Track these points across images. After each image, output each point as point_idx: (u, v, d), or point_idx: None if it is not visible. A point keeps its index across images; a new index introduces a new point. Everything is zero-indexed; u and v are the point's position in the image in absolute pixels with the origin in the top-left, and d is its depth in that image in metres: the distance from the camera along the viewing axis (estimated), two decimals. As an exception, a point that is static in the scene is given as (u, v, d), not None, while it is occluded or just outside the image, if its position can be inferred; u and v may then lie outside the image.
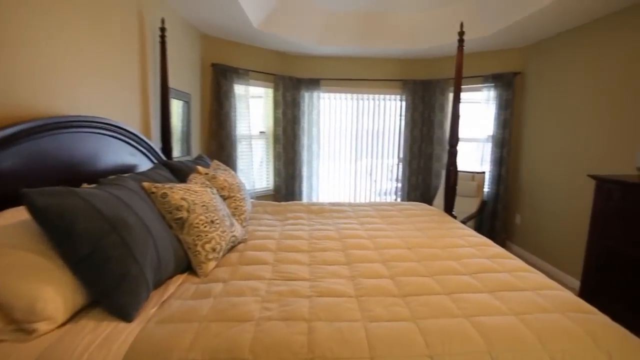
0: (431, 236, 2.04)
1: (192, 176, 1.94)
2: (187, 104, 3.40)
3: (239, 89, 4.01)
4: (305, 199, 4.82)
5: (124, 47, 2.26)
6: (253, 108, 4.30)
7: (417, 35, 3.90)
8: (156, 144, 2.58)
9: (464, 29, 2.64)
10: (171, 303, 1.23)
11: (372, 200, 5.09)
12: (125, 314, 1.12)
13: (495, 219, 4.03)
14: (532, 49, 3.72)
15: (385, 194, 5.16)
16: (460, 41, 2.61)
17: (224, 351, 0.99)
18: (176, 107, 3.14)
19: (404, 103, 4.68)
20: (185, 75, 3.33)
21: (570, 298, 1.33)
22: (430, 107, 4.63)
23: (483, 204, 3.89)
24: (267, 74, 4.30)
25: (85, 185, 1.55)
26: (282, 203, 2.82)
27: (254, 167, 4.36)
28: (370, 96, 4.82)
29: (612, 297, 2.19)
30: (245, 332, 1.07)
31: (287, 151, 4.71)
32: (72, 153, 1.64)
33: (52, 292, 1.03)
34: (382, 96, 4.80)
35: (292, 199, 4.73)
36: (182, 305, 1.22)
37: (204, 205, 1.61)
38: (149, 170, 1.90)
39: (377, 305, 1.27)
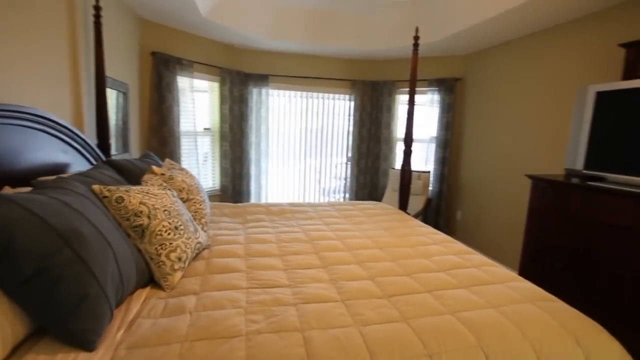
0: (397, 235, 2.08)
1: (146, 177, 1.73)
2: (125, 95, 3.05)
3: (182, 82, 3.72)
4: (253, 199, 4.66)
5: (48, 26, 1.92)
6: (198, 103, 4.02)
7: (368, 37, 3.97)
8: (91, 140, 2.26)
9: (412, 33, 2.73)
10: (140, 323, 1.07)
11: (321, 199, 5.10)
12: (86, 342, 0.94)
13: (439, 216, 4.28)
14: (472, 57, 4.01)
15: (334, 192, 5.20)
16: (416, 45, 2.69)
17: (216, 375, 0.88)
18: (111, 98, 2.79)
19: (352, 103, 4.75)
20: (121, 62, 2.98)
21: (534, 288, 1.44)
22: (378, 108, 4.77)
23: (428, 202, 4.11)
24: (213, 66, 4.06)
25: (8, 188, 1.28)
26: (240, 204, 2.66)
27: (199, 166, 4.09)
28: (320, 95, 4.81)
29: (547, 283, 2.44)
30: (236, 350, 0.96)
31: (234, 149, 4.50)
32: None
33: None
34: (331, 95, 4.82)
35: (240, 199, 4.54)
36: (155, 325, 1.06)
37: (165, 210, 1.44)
38: (91, 170, 1.64)
39: (365, 308, 1.24)
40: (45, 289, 0.92)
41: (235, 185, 4.58)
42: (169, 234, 1.39)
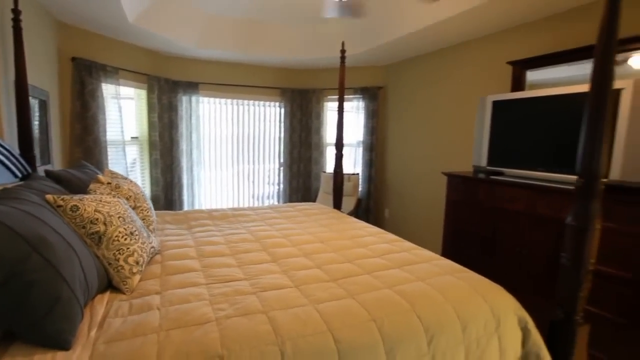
0: (336, 230, 2.32)
1: (92, 186, 1.71)
2: (44, 104, 2.84)
3: (107, 89, 3.55)
4: (186, 208, 4.57)
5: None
6: (125, 111, 3.86)
7: (297, 47, 4.21)
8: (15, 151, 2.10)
9: (339, 46, 3.05)
10: (110, 322, 1.12)
11: (256, 205, 5.19)
12: (62, 342, 0.98)
13: (369, 214, 4.68)
14: (392, 68, 4.50)
15: (268, 197, 5.32)
16: (343, 58, 3.00)
17: (196, 353, 1.00)
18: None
19: (283, 110, 4.95)
20: (40, 69, 2.78)
21: (451, 263, 1.78)
22: (308, 115, 5.04)
23: (359, 202, 4.48)
24: (141, 74, 3.94)
25: None
26: (180, 212, 2.68)
27: (128, 176, 3.91)
28: (251, 102, 4.92)
29: (464, 264, 2.89)
30: (210, 333, 1.08)
31: (164, 158, 4.39)
32: None
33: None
34: (262, 102, 4.96)
35: (172, 209, 4.43)
36: (126, 322, 1.13)
37: (120, 217, 1.47)
38: (30, 181, 1.59)
39: (316, 290, 1.43)
40: (18, 294, 0.94)
41: (167, 194, 4.45)
42: (125, 239, 1.43)
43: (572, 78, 2.49)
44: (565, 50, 2.43)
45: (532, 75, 2.74)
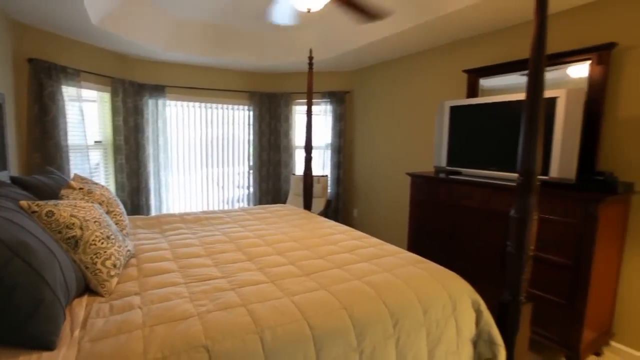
0: (307, 229, 2.43)
1: (64, 192, 1.70)
2: (0, 107, 2.73)
3: (68, 92, 3.45)
4: (154, 214, 4.50)
5: None
6: (87, 114, 3.75)
7: (264, 52, 4.28)
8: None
9: (307, 52, 3.16)
10: (93, 323, 1.16)
11: (225, 208, 5.18)
12: (47, 342, 1.02)
13: (338, 215, 4.82)
14: (358, 73, 4.68)
15: (238, 201, 5.33)
16: (310, 64, 3.12)
17: (181, 344, 1.06)
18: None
19: (251, 113, 4.99)
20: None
21: (414, 256, 1.94)
22: (277, 118, 5.11)
23: (328, 203, 4.61)
24: (104, 76, 3.85)
25: None
26: (151, 216, 2.67)
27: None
28: (219, 106, 4.92)
29: (427, 257, 3.09)
30: (193, 326, 1.15)
31: (130, 162, 4.30)
32: None
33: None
34: (230, 106, 4.98)
35: (139, 215, 4.34)
36: (109, 321, 1.17)
37: (96, 221, 1.49)
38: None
39: (291, 284, 1.53)
40: (1, 297, 0.97)
41: (133, 200, 4.36)
42: (102, 243, 1.45)
43: (521, 85, 2.74)
44: (514, 61, 2.67)
45: (486, 82, 2.99)
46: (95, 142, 3.99)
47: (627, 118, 2.18)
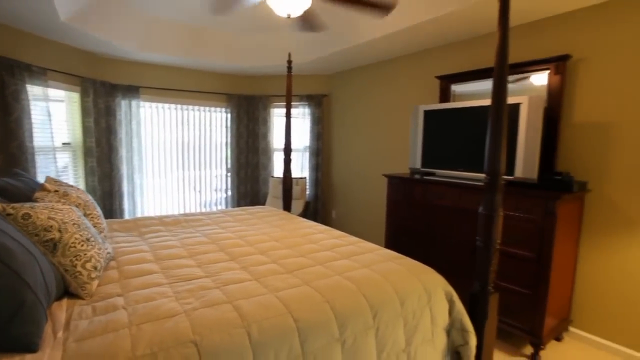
0: (288, 230, 2.47)
1: (39, 195, 1.66)
2: (-37, 107, 2.61)
3: (34, 91, 3.32)
4: (127, 217, 4.38)
5: None
6: (55, 115, 3.62)
7: (243, 54, 4.29)
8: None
9: (286, 55, 3.21)
10: (76, 324, 1.16)
11: (203, 211, 5.12)
12: (30, 344, 1.01)
13: (317, 216, 4.88)
14: (336, 77, 4.77)
15: (215, 204, 5.28)
16: (289, 68, 3.17)
17: (170, 340, 1.09)
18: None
19: (229, 115, 4.97)
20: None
21: (392, 252, 2.02)
22: (255, 120, 5.12)
23: (307, 204, 4.66)
24: (73, 75, 3.73)
25: None
26: (128, 219, 2.62)
27: (62, 185, 3.67)
28: (196, 107, 4.88)
29: (403, 254, 3.21)
30: (181, 323, 1.17)
31: (102, 165, 4.19)
32: None
33: None
34: (207, 108, 4.94)
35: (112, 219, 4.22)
36: (93, 322, 1.17)
37: (75, 224, 1.48)
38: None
39: (274, 281, 1.57)
40: (-17, 300, 0.96)
41: (105, 204, 4.24)
42: (82, 245, 1.44)
43: (490, 91, 2.90)
44: (483, 69, 2.84)
45: (458, 88, 3.14)
46: (64, 143, 3.86)
47: (581, 123, 2.37)
